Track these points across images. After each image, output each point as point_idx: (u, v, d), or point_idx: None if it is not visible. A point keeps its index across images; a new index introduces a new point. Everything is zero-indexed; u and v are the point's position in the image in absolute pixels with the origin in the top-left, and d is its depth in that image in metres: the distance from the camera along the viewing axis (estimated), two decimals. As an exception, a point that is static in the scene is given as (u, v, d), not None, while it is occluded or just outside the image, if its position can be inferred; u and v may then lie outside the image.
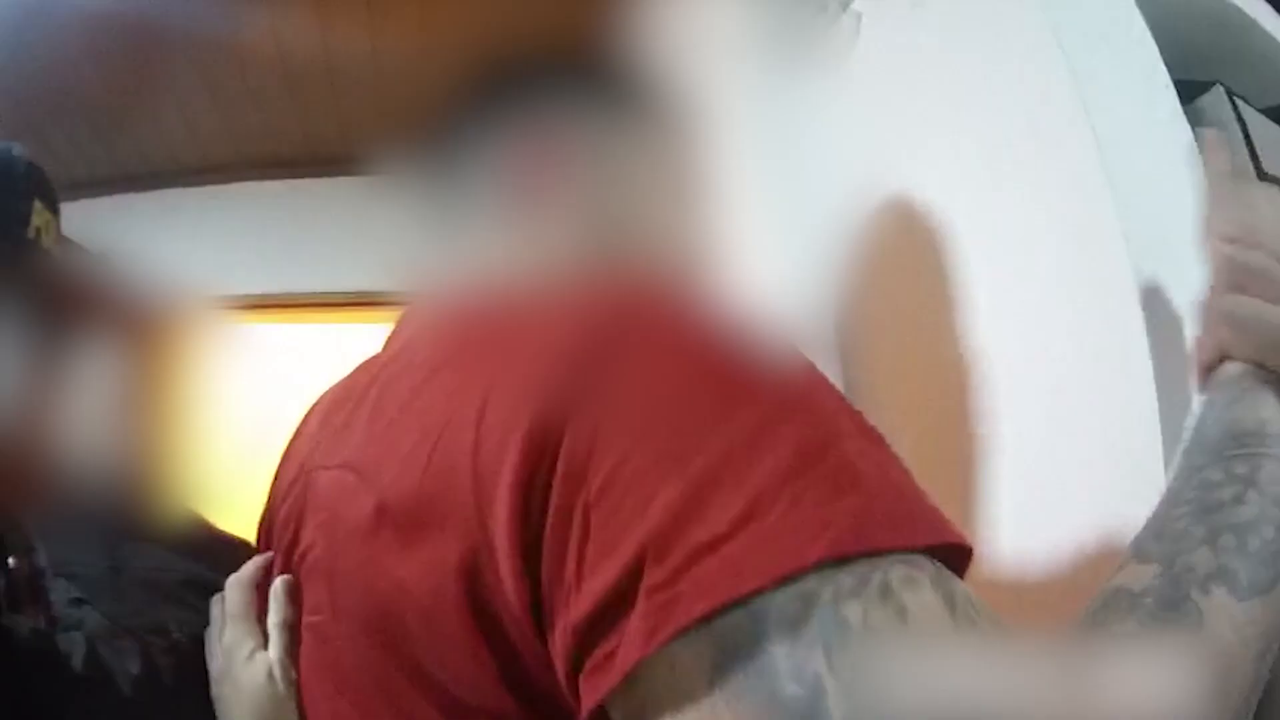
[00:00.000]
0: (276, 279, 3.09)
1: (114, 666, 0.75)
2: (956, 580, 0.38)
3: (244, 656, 0.66)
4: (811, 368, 0.44)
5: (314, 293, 3.13)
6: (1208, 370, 0.57)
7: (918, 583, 0.36)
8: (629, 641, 0.37)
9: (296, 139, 3.22)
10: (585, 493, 0.38)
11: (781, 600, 0.35)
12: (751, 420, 0.39)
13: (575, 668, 0.39)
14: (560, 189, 0.68)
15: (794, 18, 1.20)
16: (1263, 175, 0.89)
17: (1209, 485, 0.47)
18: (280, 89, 2.88)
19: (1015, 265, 0.91)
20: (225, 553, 0.84)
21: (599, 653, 0.38)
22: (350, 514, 0.52)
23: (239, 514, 0.89)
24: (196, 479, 0.93)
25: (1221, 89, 0.93)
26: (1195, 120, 0.89)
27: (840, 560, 0.35)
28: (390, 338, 0.70)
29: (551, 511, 0.39)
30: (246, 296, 2.84)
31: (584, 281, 0.52)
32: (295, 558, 0.62)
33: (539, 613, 0.40)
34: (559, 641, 0.40)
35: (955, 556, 0.40)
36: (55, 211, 0.81)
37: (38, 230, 0.78)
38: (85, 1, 2.28)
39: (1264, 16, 1.10)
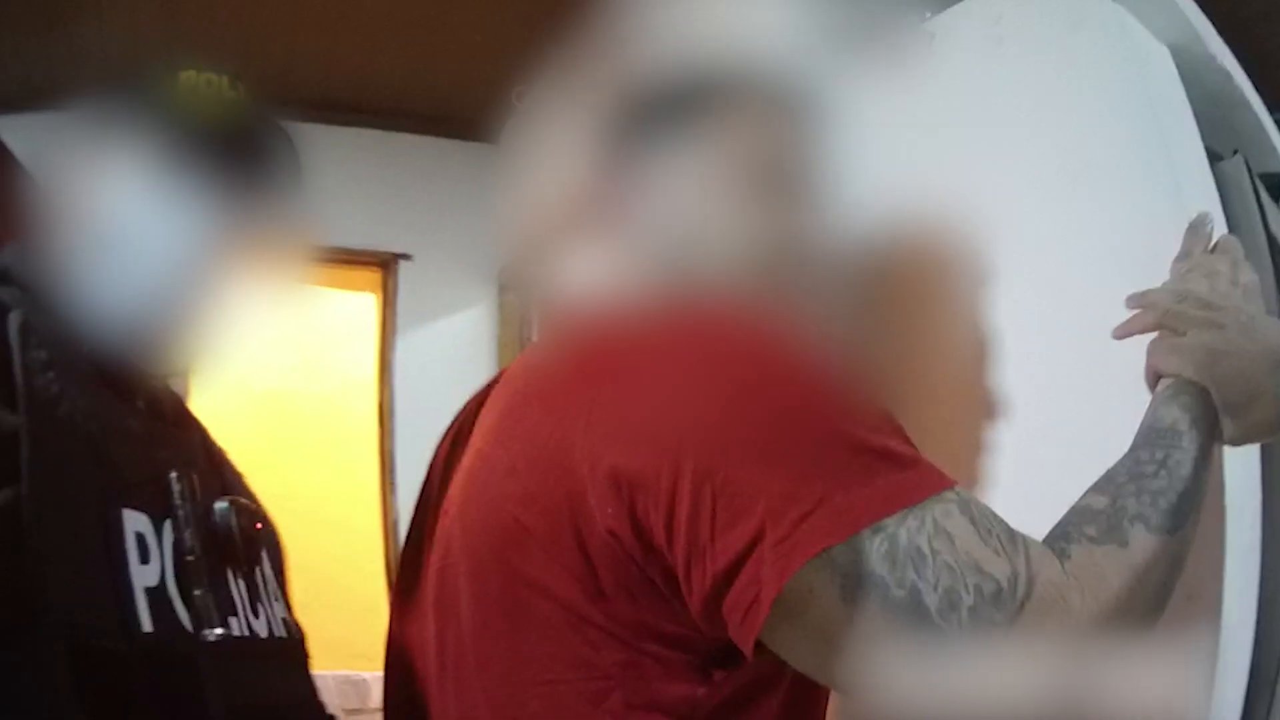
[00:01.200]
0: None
1: None
2: (972, 500, 0.60)
3: None
4: (854, 381, 0.64)
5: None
6: (1153, 384, 0.79)
7: (951, 514, 0.57)
8: (766, 582, 0.55)
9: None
10: (711, 486, 0.56)
11: (875, 540, 0.55)
12: (820, 426, 0.59)
13: (715, 602, 0.57)
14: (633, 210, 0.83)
15: (868, 32, 1.30)
16: (1270, 233, 1.08)
17: (1140, 461, 0.69)
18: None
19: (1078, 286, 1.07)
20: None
21: (739, 595, 0.56)
22: (486, 473, 0.70)
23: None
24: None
25: (1241, 157, 1.11)
26: (1219, 179, 1.07)
27: (905, 510, 0.56)
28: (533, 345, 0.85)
29: (683, 502, 0.57)
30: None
31: (669, 310, 0.69)
32: (440, 513, 0.77)
33: (651, 559, 0.60)
34: (696, 584, 0.58)
35: None
36: None
37: None
38: None
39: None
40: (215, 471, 0.82)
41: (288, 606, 0.85)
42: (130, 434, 0.71)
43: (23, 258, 0.75)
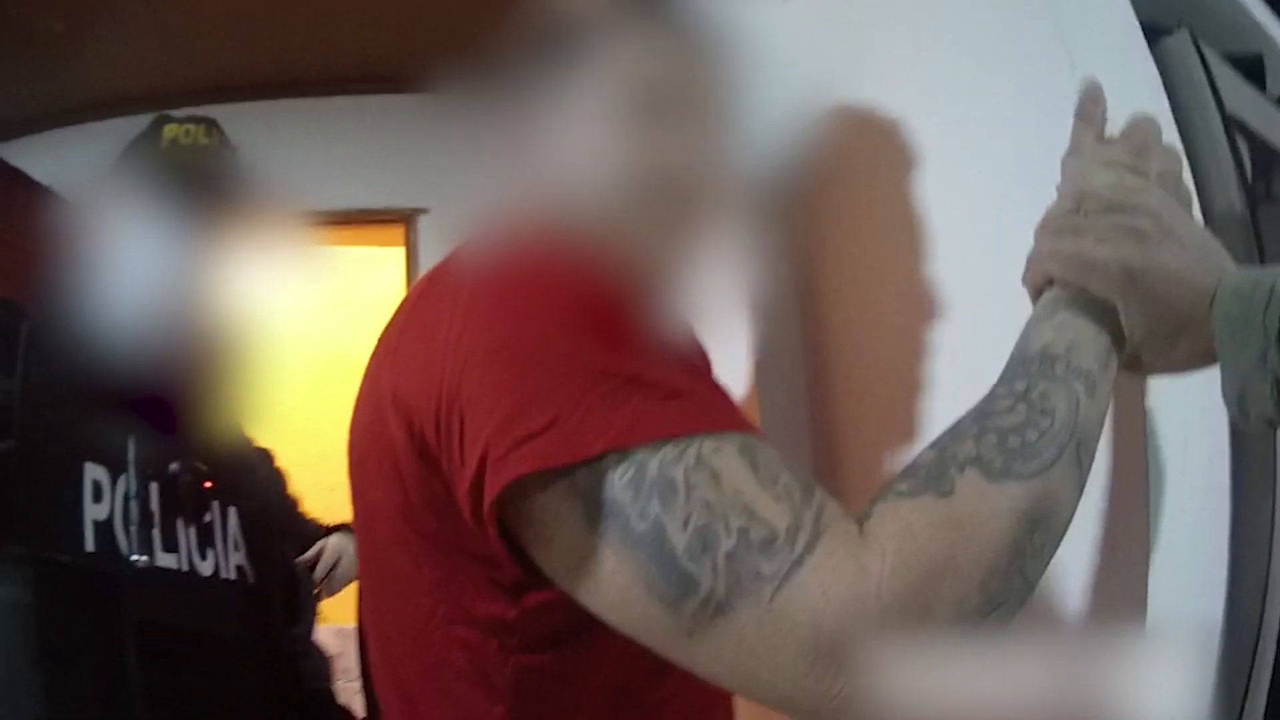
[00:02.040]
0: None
1: None
2: (764, 449, 0.54)
3: None
4: (655, 318, 0.60)
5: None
6: (1035, 293, 0.68)
7: (723, 451, 0.52)
8: (487, 496, 0.54)
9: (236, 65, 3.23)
10: (459, 409, 0.56)
11: (622, 470, 0.51)
12: (572, 357, 0.55)
13: (475, 517, 0.56)
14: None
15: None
16: (1225, 116, 0.95)
17: (994, 396, 0.59)
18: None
19: (988, 199, 0.97)
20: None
21: (483, 511, 0.55)
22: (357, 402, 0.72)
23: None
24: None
25: (1187, 32, 0.98)
26: (1160, 61, 0.94)
27: (663, 440, 0.52)
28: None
29: (443, 422, 0.57)
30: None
31: (498, 237, 0.69)
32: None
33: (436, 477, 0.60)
34: (460, 500, 0.57)
35: None
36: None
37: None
38: None
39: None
40: (186, 441, 1.00)
41: (255, 556, 1.04)
42: (104, 413, 0.90)
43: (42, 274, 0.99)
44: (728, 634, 0.50)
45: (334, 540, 1.85)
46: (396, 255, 3.53)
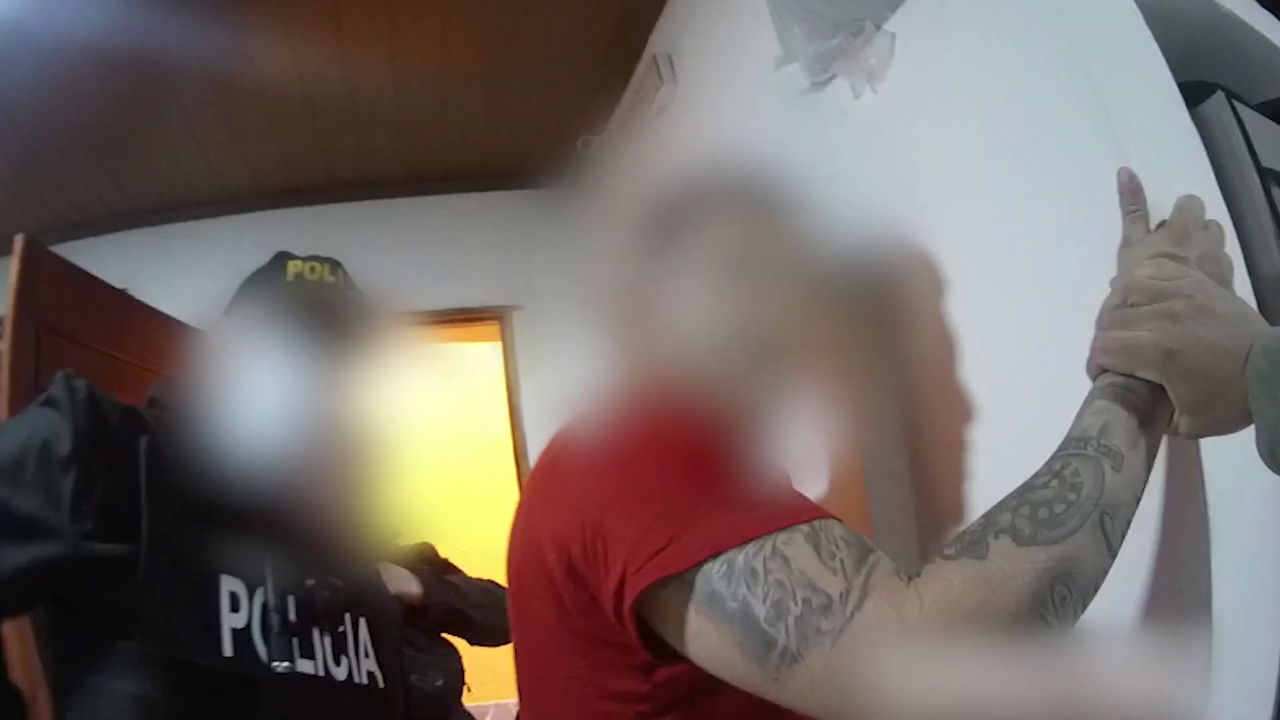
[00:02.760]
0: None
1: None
2: (828, 529, 0.68)
3: None
4: (741, 449, 0.79)
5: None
6: (1095, 380, 0.78)
7: (793, 542, 0.67)
8: (627, 601, 0.70)
9: (315, 169, 3.33)
10: (602, 536, 0.72)
11: (717, 567, 0.67)
12: (681, 487, 0.72)
13: (615, 611, 0.72)
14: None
15: (831, 38, 1.31)
16: (1262, 171, 1.01)
17: (1037, 475, 0.70)
18: (301, 118, 2.97)
19: (1047, 267, 1.03)
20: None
21: (623, 602, 0.71)
22: (514, 533, 0.91)
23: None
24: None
25: (1222, 94, 1.04)
26: (1200, 124, 1.01)
27: (747, 541, 0.67)
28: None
29: (589, 547, 0.74)
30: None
31: (618, 396, 0.91)
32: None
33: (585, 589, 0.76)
34: (605, 602, 0.73)
35: None
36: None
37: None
38: (94, 38, 2.30)
39: (1251, 16, 1.22)
40: (320, 557, 1.06)
41: (383, 662, 1.11)
42: (240, 528, 0.95)
43: (169, 392, 1.05)
44: (802, 678, 0.64)
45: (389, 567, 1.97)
46: (494, 350, 3.67)
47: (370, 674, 1.08)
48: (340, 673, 1.02)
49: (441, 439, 4.41)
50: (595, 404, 0.89)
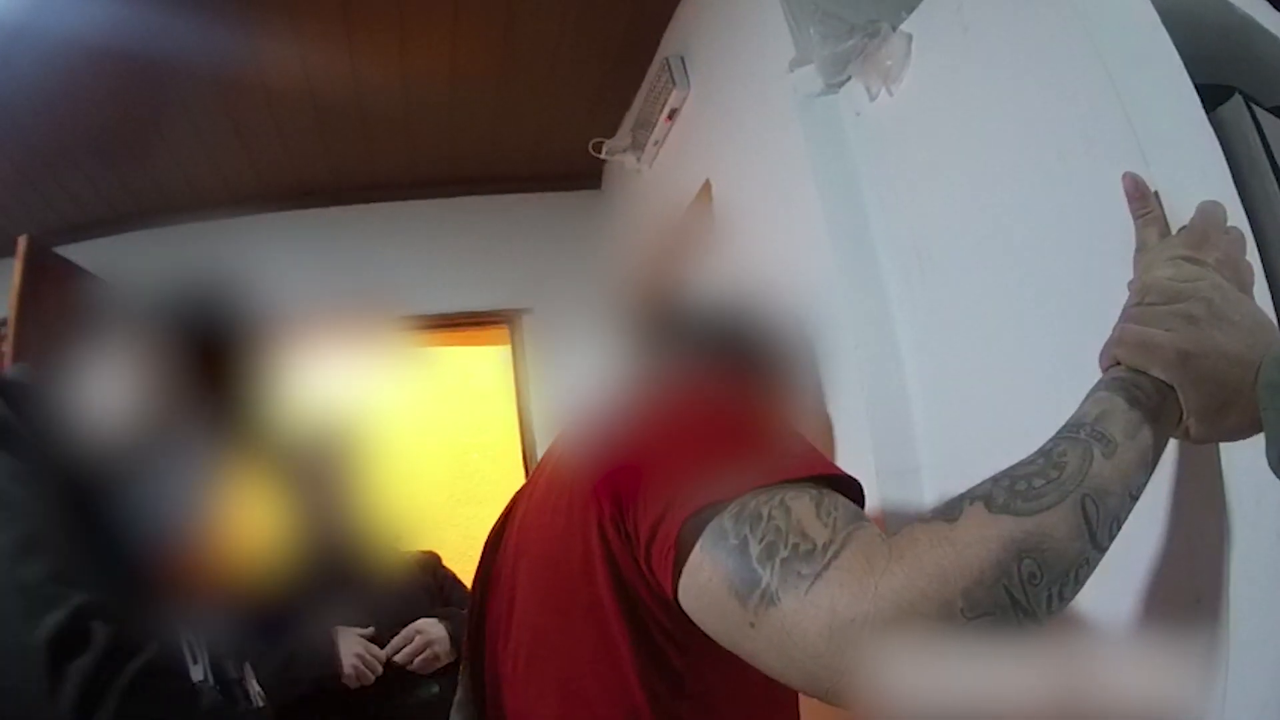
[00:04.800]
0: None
1: None
2: (833, 496, 0.70)
3: None
4: (765, 413, 0.86)
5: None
6: (1105, 367, 0.78)
7: (800, 496, 0.69)
8: (670, 528, 0.72)
9: (323, 171, 3.31)
10: (642, 486, 0.77)
11: (730, 508, 0.69)
12: (713, 445, 0.77)
13: (646, 555, 0.76)
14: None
15: (846, 39, 1.31)
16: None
17: (1029, 454, 0.69)
18: (309, 120, 2.95)
19: (1066, 271, 1.03)
20: None
21: (659, 546, 0.73)
22: (531, 517, 0.96)
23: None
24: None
25: (1240, 98, 1.03)
26: (1218, 127, 1.00)
27: (760, 488, 0.70)
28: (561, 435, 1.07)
29: (629, 497, 0.78)
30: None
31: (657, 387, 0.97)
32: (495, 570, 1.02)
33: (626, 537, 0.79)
34: (639, 545, 0.76)
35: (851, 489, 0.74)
36: None
37: None
38: (100, 39, 2.28)
39: (1268, 19, 1.21)
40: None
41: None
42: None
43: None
44: (775, 623, 0.64)
45: (425, 625, 1.98)
46: (503, 353, 3.67)
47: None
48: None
49: (449, 443, 4.40)
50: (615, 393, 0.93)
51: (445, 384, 4.35)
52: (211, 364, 1.01)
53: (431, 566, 2.26)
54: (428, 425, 4.27)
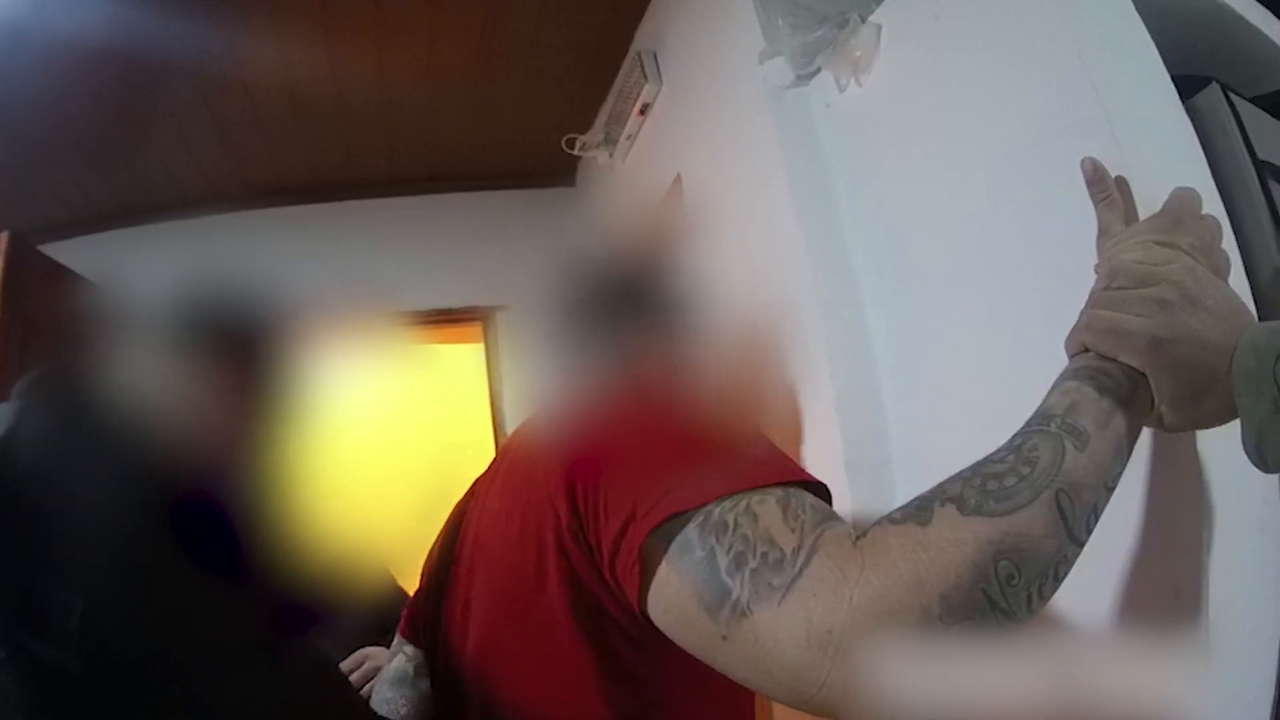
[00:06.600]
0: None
1: None
2: (800, 496, 0.68)
3: None
4: (725, 415, 0.82)
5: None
6: (1072, 358, 0.75)
7: (765, 502, 0.67)
8: (633, 545, 0.70)
9: (302, 167, 3.30)
10: (602, 495, 0.74)
11: (697, 517, 0.67)
12: (676, 449, 0.74)
13: (611, 567, 0.73)
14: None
15: (815, 30, 1.29)
16: (1258, 163, 0.98)
17: (1000, 448, 0.67)
18: (289, 118, 2.93)
19: (1039, 262, 1.01)
20: None
21: (622, 559, 0.71)
22: (489, 518, 0.93)
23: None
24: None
25: (1217, 86, 1.01)
26: (1194, 116, 0.98)
27: (725, 496, 0.68)
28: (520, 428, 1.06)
29: (588, 506, 0.75)
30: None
31: (617, 385, 0.93)
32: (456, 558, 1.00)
33: (587, 547, 0.77)
34: (603, 557, 0.74)
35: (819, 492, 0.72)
36: None
37: None
38: (83, 38, 2.26)
39: (1247, 10, 1.20)
40: None
41: None
42: None
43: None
44: (749, 635, 0.62)
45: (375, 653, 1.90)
46: (477, 350, 3.64)
47: None
48: None
49: (422, 441, 4.36)
50: (574, 392, 0.91)
51: (424, 380, 4.31)
52: (255, 363, 0.97)
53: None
54: (406, 422, 4.23)
